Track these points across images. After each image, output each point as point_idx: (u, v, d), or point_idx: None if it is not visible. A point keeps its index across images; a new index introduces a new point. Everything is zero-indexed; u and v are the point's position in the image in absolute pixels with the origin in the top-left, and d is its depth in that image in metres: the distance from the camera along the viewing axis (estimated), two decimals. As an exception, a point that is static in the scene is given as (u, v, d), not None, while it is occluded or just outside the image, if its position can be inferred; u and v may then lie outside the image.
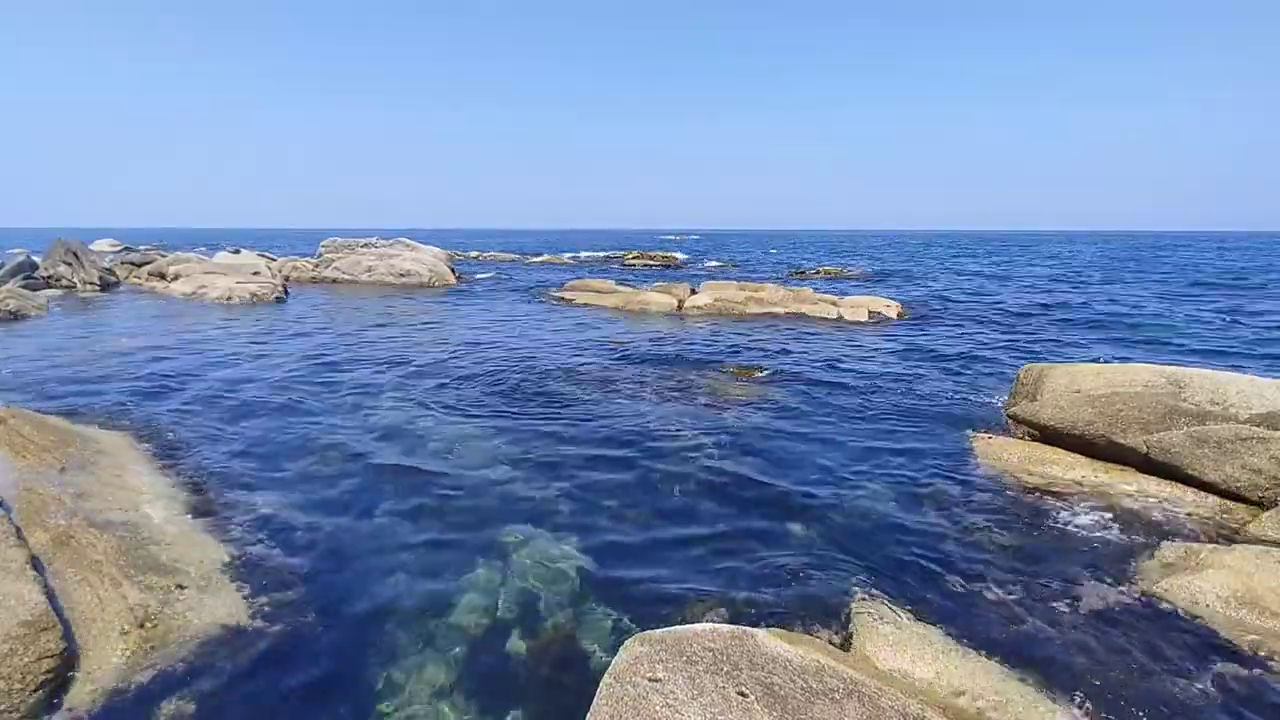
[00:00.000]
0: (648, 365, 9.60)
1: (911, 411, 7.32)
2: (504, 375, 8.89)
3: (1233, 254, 44.95)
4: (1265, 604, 3.34)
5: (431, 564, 4.00)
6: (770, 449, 6.03)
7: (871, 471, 5.50)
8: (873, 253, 49.99)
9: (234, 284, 17.97)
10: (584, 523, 4.56)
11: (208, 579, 3.67)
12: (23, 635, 2.88)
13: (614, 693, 2.18)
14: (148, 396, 7.57)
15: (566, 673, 3.08)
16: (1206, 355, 10.49)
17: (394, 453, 5.87)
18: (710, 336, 12.42)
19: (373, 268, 22.75)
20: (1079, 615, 3.44)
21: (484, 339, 11.99)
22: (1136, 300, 18.30)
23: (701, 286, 17.51)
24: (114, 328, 12.82)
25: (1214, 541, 4.11)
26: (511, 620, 3.45)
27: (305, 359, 9.92)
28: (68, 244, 20.38)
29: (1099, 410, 5.56)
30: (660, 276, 25.32)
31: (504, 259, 39.19)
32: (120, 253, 28.98)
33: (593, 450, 5.97)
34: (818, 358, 10.30)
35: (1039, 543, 4.24)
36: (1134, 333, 13.03)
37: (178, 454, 5.69)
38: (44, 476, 4.68)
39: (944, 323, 14.22)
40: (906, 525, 4.51)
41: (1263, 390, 5.23)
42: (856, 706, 2.17)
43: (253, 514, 4.56)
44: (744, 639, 2.48)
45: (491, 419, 6.92)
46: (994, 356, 10.53)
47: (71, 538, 3.83)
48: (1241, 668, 3.01)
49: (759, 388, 8.33)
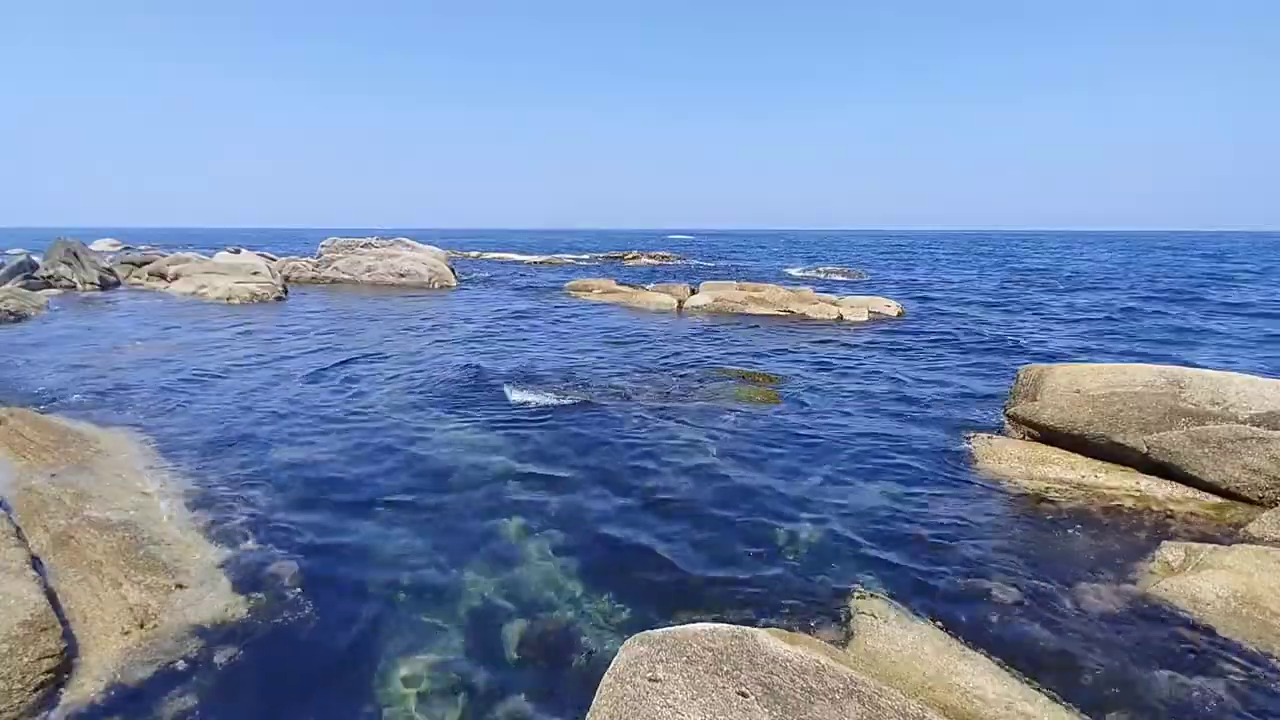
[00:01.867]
0: (647, 365, 9.60)
1: (911, 411, 7.32)
2: (503, 375, 8.88)
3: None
4: (1265, 604, 3.34)
5: (430, 563, 4.00)
6: (770, 449, 6.03)
7: (871, 471, 5.50)
8: (873, 253, 49.99)
9: (234, 284, 17.97)
10: (583, 522, 4.56)
11: (207, 578, 3.67)
12: (23, 635, 2.88)
13: (614, 693, 2.18)
14: (147, 396, 7.56)
15: (566, 672, 3.08)
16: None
17: (392, 453, 5.86)
18: (710, 336, 12.42)
19: (372, 268, 22.74)
20: (1079, 615, 3.44)
21: (483, 339, 11.99)
22: (1139, 300, 18.30)
23: (701, 286, 17.51)
24: (114, 328, 12.81)
25: (1214, 541, 4.11)
26: (510, 620, 3.45)
27: (305, 359, 9.92)
28: (68, 244, 20.36)
29: (1099, 410, 5.56)
30: (661, 276, 25.33)
31: (504, 259, 39.18)
32: (120, 252, 28.99)
33: (592, 450, 5.97)
34: (817, 358, 10.30)
35: (1039, 543, 4.24)
36: (1137, 332, 13.03)
37: (177, 454, 5.69)
38: (44, 476, 4.68)
39: (944, 323, 14.21)
40: (906, 525, 4.51)
41: (1263, 390, 5.23)
42: (856, 706, 2.17)
43: (252, 514, 4.56)
44: (744, 639, 2.48)
45: (490, 418, 6.92)
46: (994, 357, 10.54)
47: (71, 538, 3.83)
48: (1242, 667, 3.01)
49: (758, 388, 8.33)
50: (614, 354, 10.53)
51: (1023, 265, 34.57)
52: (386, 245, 24.53)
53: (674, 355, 10.40)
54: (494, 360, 9.92)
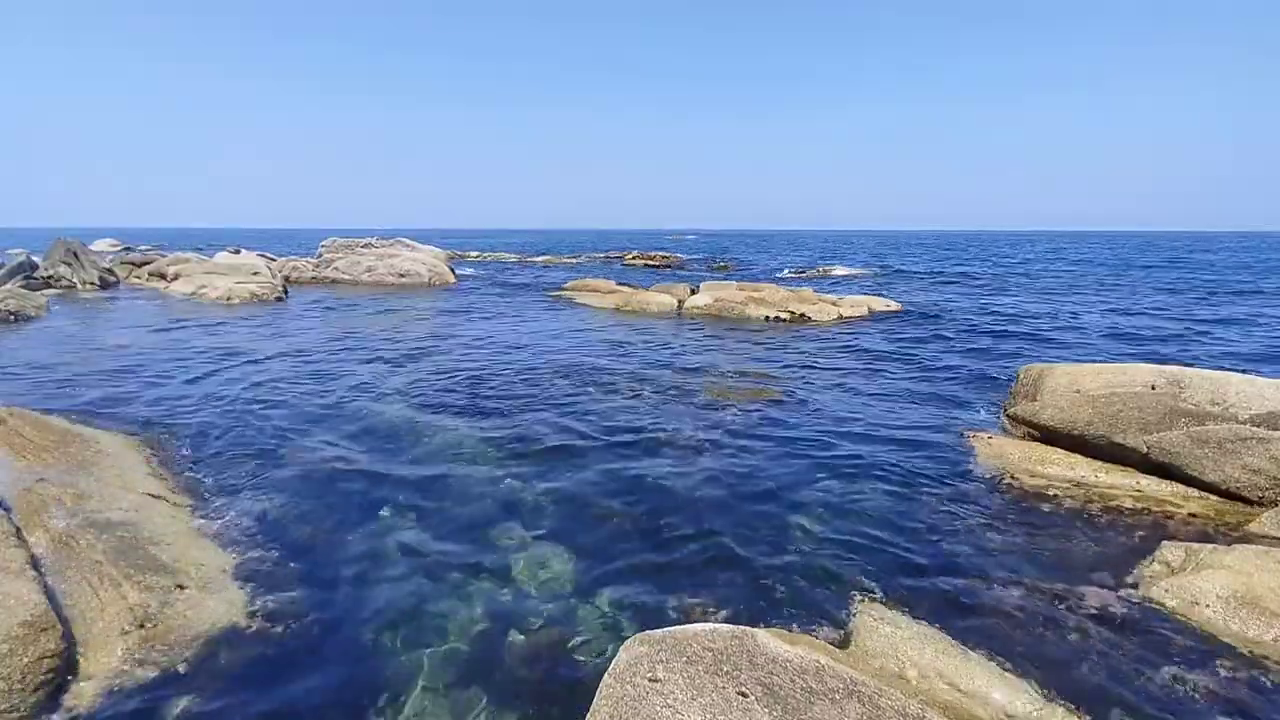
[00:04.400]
0: (647, 365, 9.60)
1: (911, 411, 7.32)
2: (503, 376, 8.89)
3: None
4: (1265, 604, 3.33)
5: (430, 565, 4.00)
6: (769, 449, 6.03)
7: (870, 471, 5.50)
8: (873, 253, 49.99)
9: (234, 284, 17.96)
10: (583, 522, 4.56)
11: (208, 579, 3.67)
12: (23, 635, 2.88)
13: (614, 693, 2.18)
14: (148, 396, 7.56)
15: (566, 673, 3.08)
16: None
17: (393, 454, 5.87)
18: (710, 336, 12.42)
19: (372, 268, 22.74)
20: (1079, 615, 3.44)
21: (483, 339, 11.99)
22: (1138, 300, 18.30)
23: (701, 287, 17.50)
24: (114, 328, 12.81)
25: (1214, 541, 4.10)
26: (510, 620, 3.45)
27: (305, 359, 9.92)
28: (68, 244, 20.37)
29: (1099, 410, 5.56)
30: (661, 277, 25.33)
31: (504, 259, 39.18)
32: (120, 252, 29.00)
33: (591, 450, 5.97)
34: (817, 358, 10.30)
35: (1039, 543, 4.24)
36: (1137, 332, 13.03)
37: (178, 454, 5.69)
38: (44, 476, 4.68)
39: (944, 323, 14.21)
40: (906, 525, 4.51)
41: (1263, 390, 5.23)
42: (856, 707, 2.17)
43: (253, 515, 4.56)
44: (744, 639, 2.48)
45: (490, 420, 6.92)
46: (994, 356, 10.54)
47: (71, 538, 3.83)
48: (1242, 668, 3.01)
49: (758, 388, 8.33)
50: (614, 354, 10.53)
51: (1022, 265, 34.56)
52: (386, 245, 24.53)
53: (674, 355, 10.40)
54: (494, 360, 9.92)
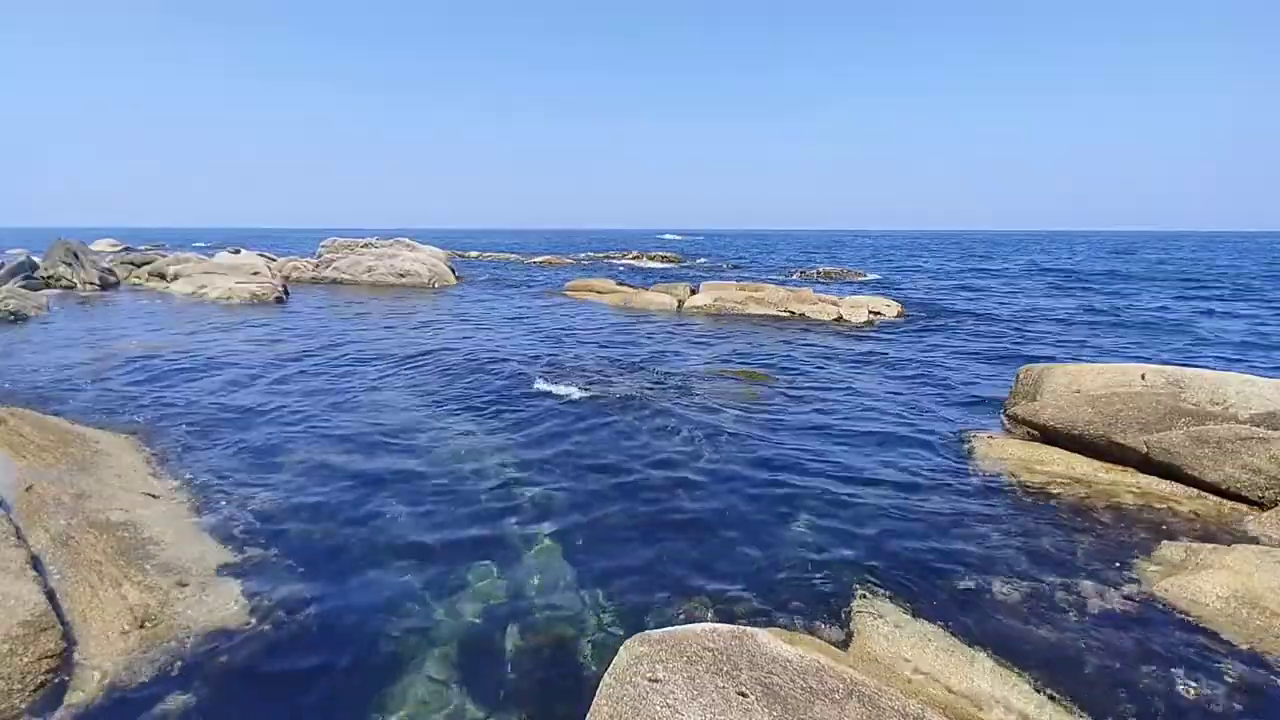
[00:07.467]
0: (648, 364, 9.60)
1: (911, 411, 7.32)
2: (503, 376, 8.88)
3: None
4: (1265, 604, 3.34)
5: (429, 563, 4.00)
6: (769, 449, 6.03)
7: (871, 471, 5.50)
8: (873, 253, 49.96)
9: (234, 284, 17.96)
10: (582, 522, 4.56)
11: (207, 579, 3.67)
12: (23, 635, 2.89)
13: (614, 693, 2.18)
14: (147, 396, 7.56)
15: (566, 672, 3.08)
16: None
17: (393, 453, 5.87)
18: (710, 336, 12.42)
19: (373, 268, 22.73)
20: (1079, 615, 3.44)
21: (483, 339, 11.99)
22: (1141, 299, 18.30)
23: (701, 286, 17.50)
24: (114, 328, 12.81)
25: (1214, 541, 4.11)
26: (510, 619, 3.45)
27: (305, 359, 9.92)
28: (68, 244, 20.36)
29: (1099, 410, 5.56)
30: (661, 276, 25.33)
31: (504, 259, 39.18)
32: (120, 252, 28.98)
33: (591, 450, 5.97)
34: (817, 358, 10.30)
35: (1039, 542, 4.24)
36: (1143, 331, 13.03)
37: (177, 454, 5.69)
38: (44, 476, 4.68)
39: (944, 322, 14.21)
40: (907, 525, 4.51)
41: (1262, 390, 5.23)
42: (856, 707, 2.17)
43: (252, 514, 4.56)
44: (744, 639, 2.48)
45: (489, 419, 6.92)
46: (994, 356, 10.53)
47: (71, 538, 3.83)
48: (1242, 667, 3.01)
49: (758, 388, 8.33)
50: (614, 353, 10.52)
51: (1022, 265, 34.55)
52: (386, 245, 24.53)
53: (674, 355, 10.40)
54: (494, 359, 9.92)
